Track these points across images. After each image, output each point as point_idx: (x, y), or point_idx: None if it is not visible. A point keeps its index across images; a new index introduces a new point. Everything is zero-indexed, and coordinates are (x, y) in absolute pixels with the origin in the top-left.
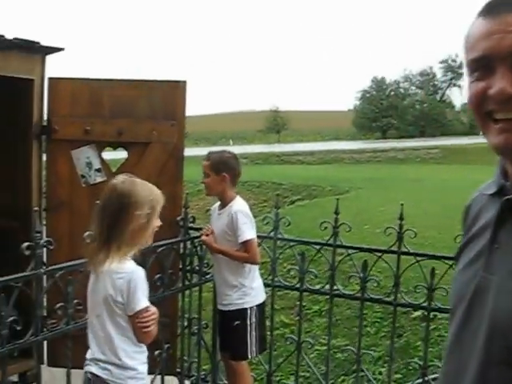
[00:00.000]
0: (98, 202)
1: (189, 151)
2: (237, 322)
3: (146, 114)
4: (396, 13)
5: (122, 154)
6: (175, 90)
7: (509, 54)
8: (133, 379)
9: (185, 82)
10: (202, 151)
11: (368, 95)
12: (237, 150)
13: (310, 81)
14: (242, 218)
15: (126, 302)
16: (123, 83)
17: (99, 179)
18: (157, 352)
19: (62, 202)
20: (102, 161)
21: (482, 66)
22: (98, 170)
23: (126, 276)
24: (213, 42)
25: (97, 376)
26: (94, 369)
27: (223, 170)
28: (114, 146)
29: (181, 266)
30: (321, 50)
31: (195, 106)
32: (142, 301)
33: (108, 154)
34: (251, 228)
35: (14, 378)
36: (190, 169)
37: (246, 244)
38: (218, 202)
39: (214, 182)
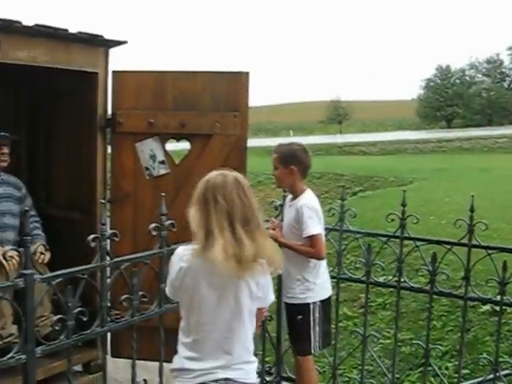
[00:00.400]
0: (163, 194)
1: (248, 142)
2: (299, 317)
3: (209, 105)
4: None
5: (182, 146)
6: (238, 81)
7: None
8: (255, 371)
9: (247, 73)
10: (262, 142)
11: (432, 84)
12: (297, 140)
13: (372, 70)
14: (307, 212)
15: (263, 295)
16: (186, 75)
17: (163, 171)
18: None
19: (127, 194)
20: (166, 153)
21: None
22: (162, 162)
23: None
24: (274, 33)
25: (230, 379)
26: (225, 374)
27: (291, 163)
28: (177, 137)
29: None
30: (385, 38)
31: (255, 96)
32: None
33: (169, 146)
34: (317, 223)
35: (78, 368)
36: (249, 159)
37: (312, 239)
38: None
39: (282, 174)
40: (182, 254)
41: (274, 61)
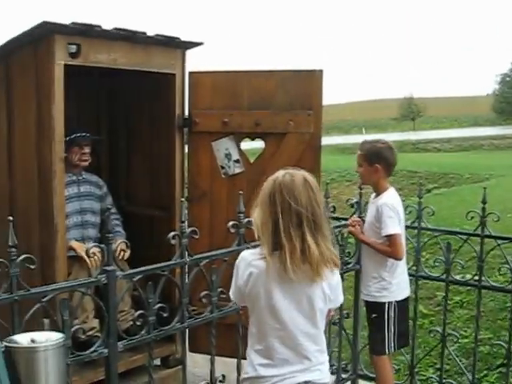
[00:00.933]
0: (241, 192)
1: (322, 140)
2: (374, 315)
3: (283, 104)
4: None
5: (256, 145)
6: (312, 79)
7: None
8: (328, 369)
9: (321, 71)
10: (335, 140)
11: (508, 79)
12: (370, 138)
13: (446, 66)
14: (387, 211)
15: (334, 297)
16: (261, 74)
17: (238, 170)
18: None
19: (203, 193)
20: (241, 152)
21: None
22: (237, 161)
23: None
24: (346, 31)
25: (309, 382)
26: (304, 377)
27: (376, 161)
28: (252, 136)
29: None
30: (459, 34)
31: (328, 95)
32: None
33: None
34: (397, 223)
35: (157, 362)
36: (322, 157)
37: (390, 238)
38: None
39: (367, 172)
40: (251, 259)
41: (346, 58)
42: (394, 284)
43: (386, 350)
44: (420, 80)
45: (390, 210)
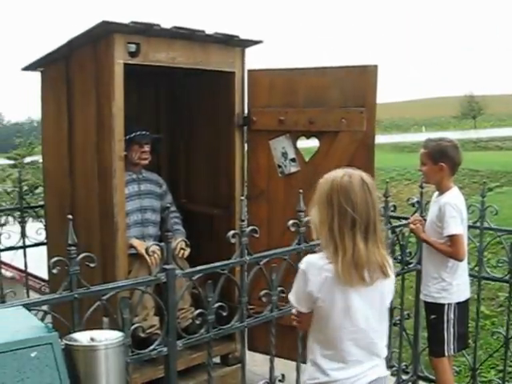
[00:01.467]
0: (300, 191)
1: (380, 139)
2: (433, 317)
3: (337, 101)
4: None
5: (311, 143)
6: (365, 76)
7: None
8: None
9: (375, 67)
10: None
11: None
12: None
13: (507, 62)
14: (450, 211)
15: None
16: (315, 71)
17: (293, 169)
18: None
19: (261, 191)
20: (297, 150)
21: None
22: (293, 160)
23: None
24: (406, 28)
25: (379, 378)
26: (375, 374)
27: (441, 160)
28: (307, 135)
29: None
30: None
31: (385, 92)
32: None
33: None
34: (459, 223)
35: (216, 360)
36: (380, 156)
37: (451, 239)
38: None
39: (431, 171)
40: (322, 264)
41: (405, 56)
42: (454, 285)
43: (446, 353)
44: (480, 77)
45: (452, 210)
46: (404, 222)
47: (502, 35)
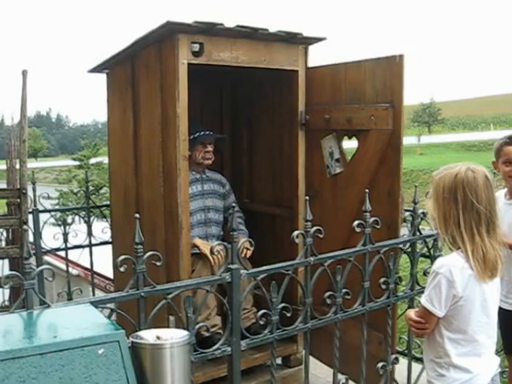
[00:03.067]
0: (366, 190)
1: (446, 137)
2: None
3: (369, 97)
4: None
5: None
6: (391, 67)
7: None
8: None
9: (402, 56)
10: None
11: None
12: (498, 135)
13: None
14: None
15: None
16: (353, 65)
17: (338, 170)
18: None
19: (316, 192)
20: (341, 150)
21: None
22: (338, 160)
23: None
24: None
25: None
26: (496, 359)
27: None
28: (349, 134)
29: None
30: None
31: (451, 90)
32: None
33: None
34: None
35: (278, 361)
36: (447, 155)
37: None
38: (504, 190)
39: None
40: (462, 263)
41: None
42: None
43: None
44: None
45: None
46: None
47: None
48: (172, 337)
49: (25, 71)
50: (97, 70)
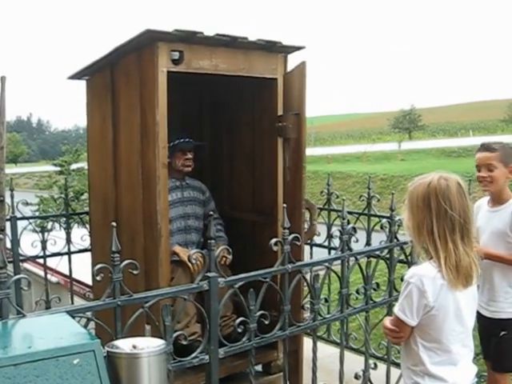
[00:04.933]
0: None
1: (426, 144)
2: (503, 333)
3: (291, 106)
4: None
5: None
6: (300, 76)
7: None
8: None
9: (304, 64)
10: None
11: None
12: (478, 141)
13: None
14: None
15: None
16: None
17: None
18: None
19: None
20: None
21: None
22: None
23: None
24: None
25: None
26: (473, 367)
27: (511, 162)
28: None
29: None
30: None
31: (431, 96)
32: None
33: None
34: None
35: (258, 368)
36: (427, 161)
37: None
38: (487, 198)
39: (502, 175)
40: (434, 273)
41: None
42: None
43: None
44: None
45: None
46: None
47: None
48: (148, 346)
49: (3, 77)
50: (76, 76)
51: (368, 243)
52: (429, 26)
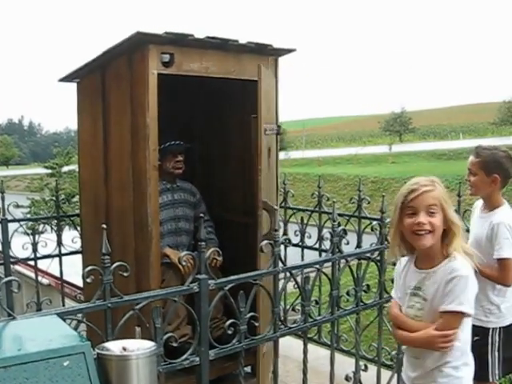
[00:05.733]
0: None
1: (417, 146)
2: (476, 338)
3: None
4: None
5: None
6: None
7: None
8: None
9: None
10: (430, 146)
11: None
12: (468, 144)
13: None
14: (504, 232)
15: None
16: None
17: None
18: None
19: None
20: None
21: None
22: None
23: None
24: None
25: None
26: None
27: (495, 171)
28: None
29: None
30: None
31: (423, 100)
32: None
33: None
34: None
35: (248, 370)
36: (417, 164)
37: (501, 262)
38: (481, 201)
39: (482, 182)
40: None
41: (442, 63)
42: (502, 308)
43: (490, 378)
44: None
45: (507, 231)
46: None
47: None
48: (138, 348)
49: None
50: (67, 79)
51: (358, 245)
52: (420, 29)
